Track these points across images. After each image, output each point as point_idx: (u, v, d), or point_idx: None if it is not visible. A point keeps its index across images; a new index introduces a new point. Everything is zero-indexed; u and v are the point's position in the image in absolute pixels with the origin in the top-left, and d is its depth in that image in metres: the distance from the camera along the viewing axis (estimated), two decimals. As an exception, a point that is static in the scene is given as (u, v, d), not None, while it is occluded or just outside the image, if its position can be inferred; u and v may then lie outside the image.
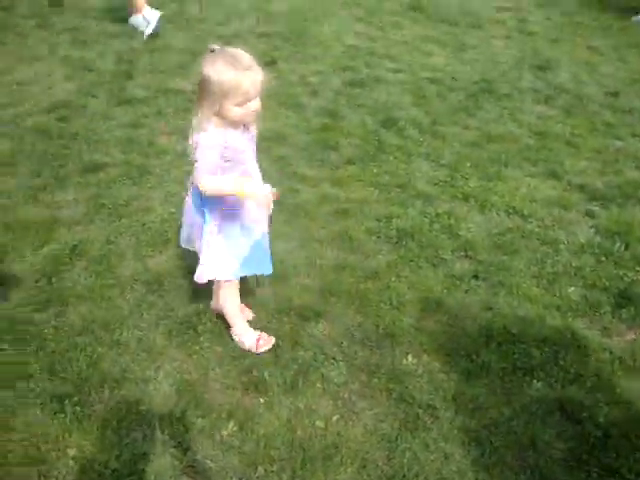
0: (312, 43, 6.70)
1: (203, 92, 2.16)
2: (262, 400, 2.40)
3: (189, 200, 2.47)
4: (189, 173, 3.88)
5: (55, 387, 2.41)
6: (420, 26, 7.71)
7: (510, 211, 3.74)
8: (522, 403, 2.45)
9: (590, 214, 3.80)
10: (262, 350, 2.62)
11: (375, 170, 4.11)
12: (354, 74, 5.82)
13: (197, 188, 2.32)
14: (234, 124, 2.21)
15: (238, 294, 2.63)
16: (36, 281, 2.97)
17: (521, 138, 4.73)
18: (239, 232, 2.43)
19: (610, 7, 9.34)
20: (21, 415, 2.30)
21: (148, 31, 6.46)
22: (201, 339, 2.66)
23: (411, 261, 3.23)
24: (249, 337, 2.65)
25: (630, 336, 2.86)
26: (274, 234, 3.33)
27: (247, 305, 2.82)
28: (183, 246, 2.66)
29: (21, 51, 6.07)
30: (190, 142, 2.27)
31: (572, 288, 3.13)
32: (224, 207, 2.35)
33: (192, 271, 2.97)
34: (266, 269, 2.58)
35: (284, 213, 3.49)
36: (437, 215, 3.63)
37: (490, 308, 2.94)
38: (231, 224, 2.40)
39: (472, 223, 3.59)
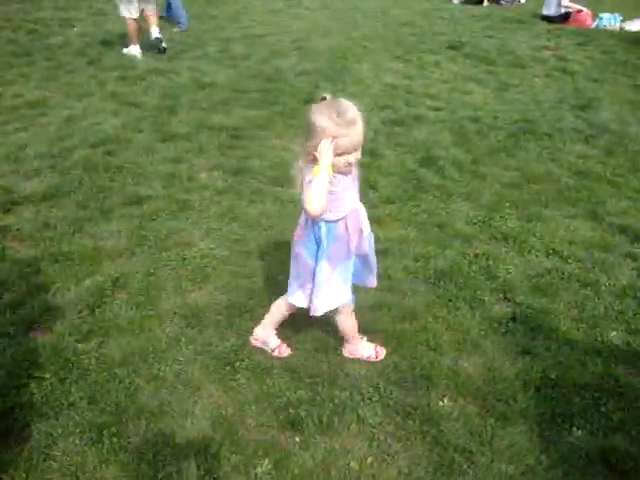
0: (351, 81, 6.82)
1: (309, 136, 2.24)
2: (297, 439, 2.39)
3: (300, 250, 2.52)
4: (231, 209, 3.99)
5: (94, 417, 2.45)
6: (459, 65, 7.79)
7: (549, 252, 3.70)
8: (561, 451, 2.39)
9: (632, 256, 3.72)
10: (381, 357, 2.81)
11: (414, 209, 4.11)
12: (393, 112, 5.89)
13: (310, 230, 2.44)
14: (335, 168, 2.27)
15: (354, 315, 2.76)
16: (79, 312, 3.04)
17: (561, 178, 4.70)
18: (349, 263, 2.54)
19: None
20: (61, 443, 2.34)
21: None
22: (238, 376, 2.67)
23: (449, 301, 3.21)
24: (368, 348, 2.82)
25: (675, 384, 2.78)
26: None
27: (285, 342, 2.84)
28: (296, 303, 2.65)
29: (72, 87, 6.34)
30: (297, 180, 2.35)
31: (614, 333, 3.06)
32: (336, 244, 2.45)
33: (230, 307, 3.05)
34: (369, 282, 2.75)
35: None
36: (475, 256, 3.60)
37: (528, 352, 2.89)
38: (344, 260, 2.50)
39: (511, 264, 3.56)
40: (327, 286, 2.50)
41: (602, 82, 7.35)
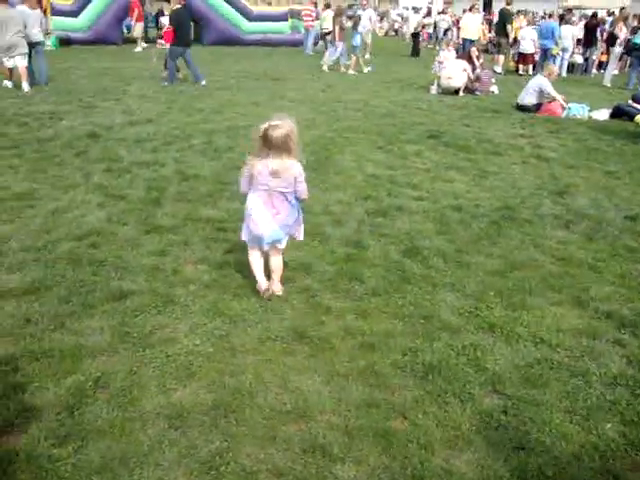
0: (335, 172, 6.95)
1: None
2: None
3: None
4: (215, 304, 3.96)
5: (71, 532, 2.32)
6: (439, 154, 8.00)
7: (537, 341, 3.67)
8: None
9: (620, 343, 3.70)
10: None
11: (400, 302, 4.07)
12: (376, 203, 5.97)
13: None
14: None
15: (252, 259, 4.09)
16: (57, 414, 2.92)
17: (544, 265, 4.74)
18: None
19: (622, 133, 9.66)
20: None
21: None
22: (223, 481, 2.56)
23: (438, 396, 3.14)
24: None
25: (676, 479, 2.70)
26: (298, 368, 3.31)
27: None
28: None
29: (59, 179, 6.39)
30: None
31: (609, 425, 2.99)
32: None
33: (215, 407, 2.97)
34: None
35: (309, 346, 3.45)
36: (463, 347, 3.56)
37: (522, 447, 2.81)
38: None
39: (499, 355, 3.52)
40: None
41: (577, 168, 7.58)
